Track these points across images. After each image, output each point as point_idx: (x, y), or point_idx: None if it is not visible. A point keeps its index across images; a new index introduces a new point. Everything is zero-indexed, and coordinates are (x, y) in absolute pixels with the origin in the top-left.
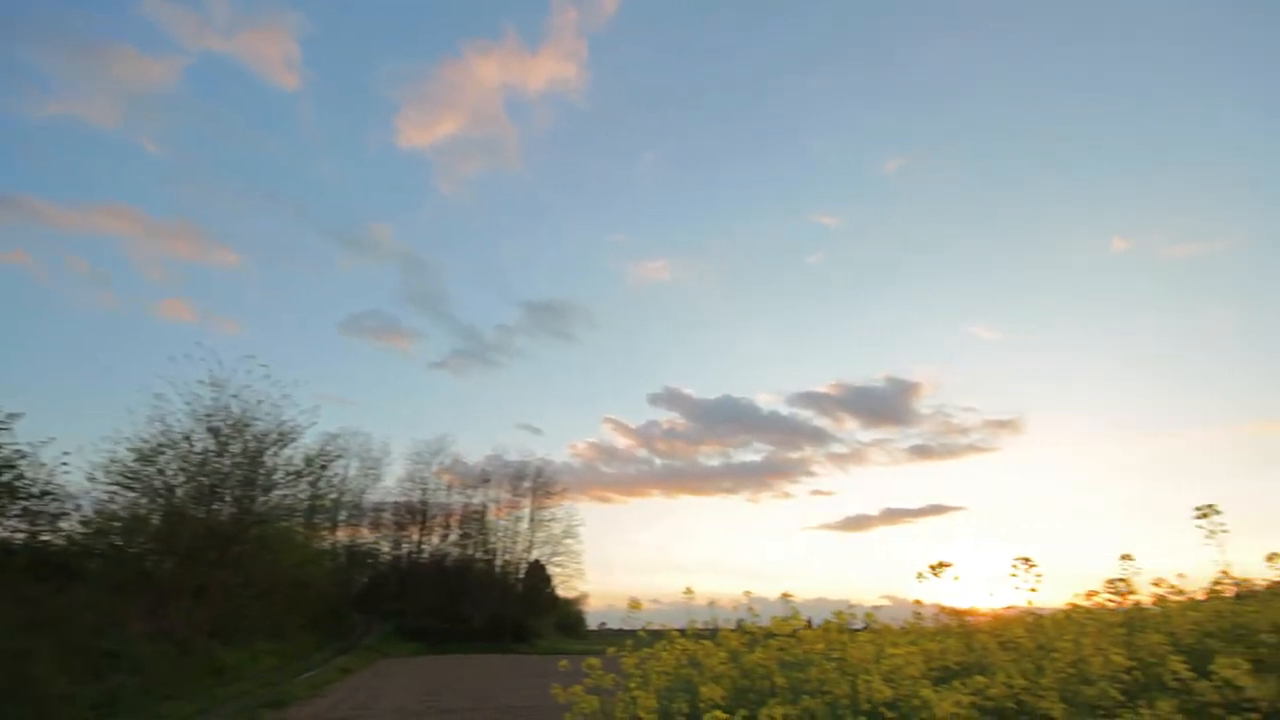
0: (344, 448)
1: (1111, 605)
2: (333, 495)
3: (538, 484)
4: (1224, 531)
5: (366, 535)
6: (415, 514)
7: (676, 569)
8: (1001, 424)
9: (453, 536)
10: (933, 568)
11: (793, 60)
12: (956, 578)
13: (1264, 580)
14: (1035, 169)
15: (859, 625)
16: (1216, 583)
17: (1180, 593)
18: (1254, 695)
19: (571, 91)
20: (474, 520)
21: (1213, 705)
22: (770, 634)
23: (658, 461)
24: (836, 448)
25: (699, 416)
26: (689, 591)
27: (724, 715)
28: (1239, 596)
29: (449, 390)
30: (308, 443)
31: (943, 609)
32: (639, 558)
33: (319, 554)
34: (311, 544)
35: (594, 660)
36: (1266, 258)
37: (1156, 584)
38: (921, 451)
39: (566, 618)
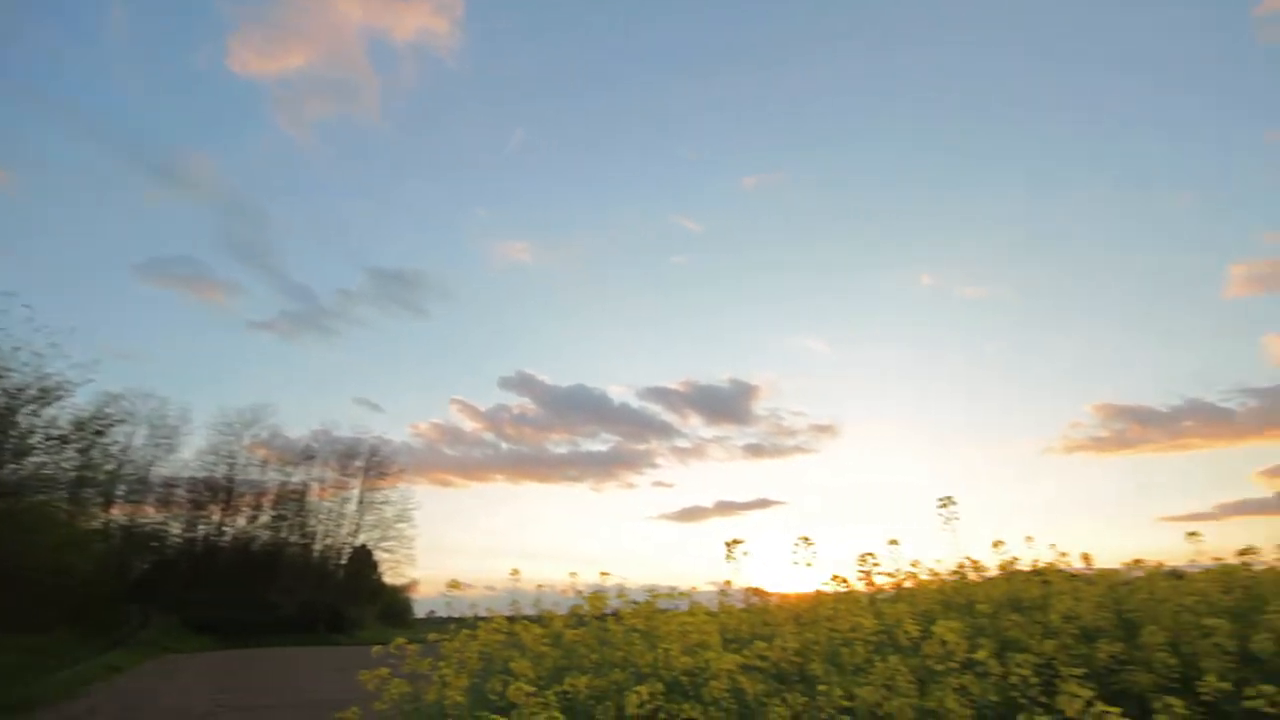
0: (129, 411)
1: (879, 584)
2: (110, 466)
3: (371, 463)
4: (957, 519)
5: (152, 514)
6: (218, 492)
7: (516, 555)
8: (823, 428)
9: (264, 518)
10: (728, 545)
11: (671, 63)
12: (746, 553)
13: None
14: (867, 203)
15: (684, 607)
16: (960, 565)
17: (933, 574)
18: (953, 649)
19: (443, 49)
20: (292, 500)
21: (929, 658)
22: (595, 616)
23: (504, 446)
24: (680, 442)
25: (550, 403)
26: (515, 573)
27: (528, 687)
28: (988, 579)
29: (272, 355)
30: (80, 402)
31: (750, 590)
32: (478, 543)
33: (86, 534)
34: (77, 523)
35: (402, 639)
36: (1031, 307)
37: (913, 565)
38: (755, 450)
39: (393, 605)
